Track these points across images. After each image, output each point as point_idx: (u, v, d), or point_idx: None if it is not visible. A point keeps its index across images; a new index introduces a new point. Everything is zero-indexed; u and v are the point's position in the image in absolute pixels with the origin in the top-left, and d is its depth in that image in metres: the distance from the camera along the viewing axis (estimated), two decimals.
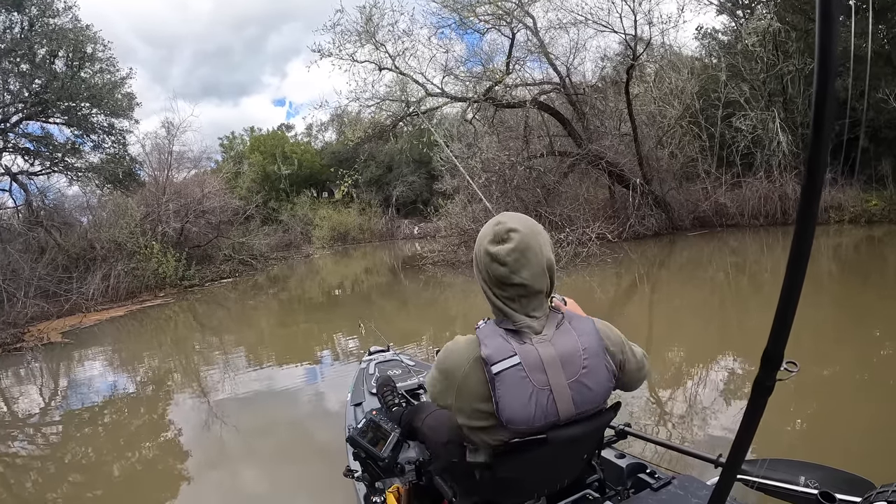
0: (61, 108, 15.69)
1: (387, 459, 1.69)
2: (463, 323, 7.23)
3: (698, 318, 6.45)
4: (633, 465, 1.80)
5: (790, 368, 0.84)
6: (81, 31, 15.21)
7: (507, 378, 1.19)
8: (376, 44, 12.34)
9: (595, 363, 1.25)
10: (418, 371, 3.02)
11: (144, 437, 4.45)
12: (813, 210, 0.69)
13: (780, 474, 1.61)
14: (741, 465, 0.91)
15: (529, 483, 1.40)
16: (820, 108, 0.64)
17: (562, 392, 1.21)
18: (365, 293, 12.41)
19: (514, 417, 1.19)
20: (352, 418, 2.63)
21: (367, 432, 1.77)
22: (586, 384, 1.24)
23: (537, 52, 12.71)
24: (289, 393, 5.10)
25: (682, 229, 14.12)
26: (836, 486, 1.46)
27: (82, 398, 5.78)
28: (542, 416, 1.21)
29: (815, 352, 4.27)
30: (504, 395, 1.18)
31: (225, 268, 16.63)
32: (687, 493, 1.43)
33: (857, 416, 3.26)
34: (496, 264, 1.25)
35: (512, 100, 12.65)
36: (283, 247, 23.48)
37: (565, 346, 1.24)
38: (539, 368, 1.20)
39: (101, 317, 10.55)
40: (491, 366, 1.20)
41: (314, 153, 34.00)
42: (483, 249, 1.28)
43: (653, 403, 3.69)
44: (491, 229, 1.28)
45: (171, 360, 7.35)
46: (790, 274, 0.74)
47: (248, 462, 3.60)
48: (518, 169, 11.77)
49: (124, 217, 14.63)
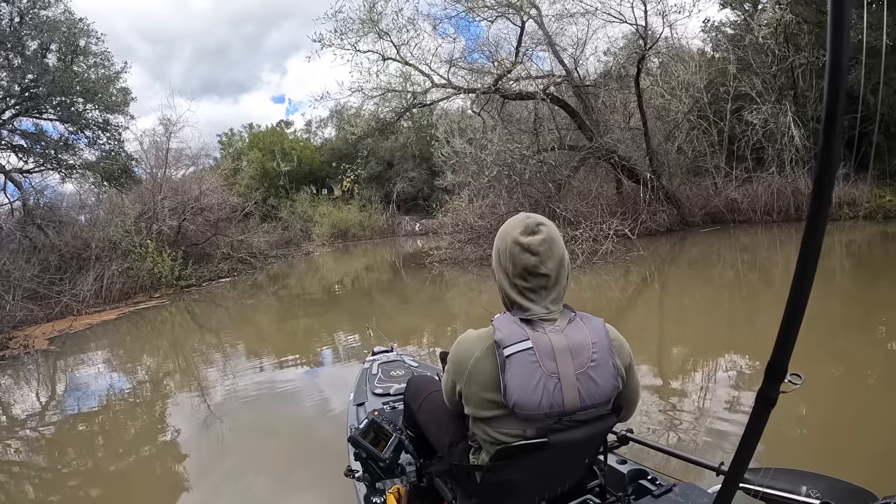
0: (54, 103, 15.29)
1: (388, 460, 1.72)
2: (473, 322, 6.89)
3: (706, 320, 6.30)
4: (634, 472, 1.78)
5: (794, 381, 0.83)
6: (74, 24, 14.80)
7: (516, 361, 1.22)
8: (380, 32, 11.90)
9: (603, 358, 1.28)
10: (421, 372, 2.96)
11: (141, 442, 4.21)
12: (821, 216, 0.69)
13: (781, 483, 1.56)
14: (743, 474, 0.91)
15: (530, 487, 1.40)
16: (832, 105, 0.63)
17: (569, 382, 1.24)
18: (366, 290, 12.14)
19: (520, 401, 1.21)
20: (354, 418, 2.61)
21: (368, 433, 1.79)
22: (593, 378, 1.26)
23: (544, 42, 12.31)
24: (290, 393, 5.00)
25: (693, 225, 13.83)
26: (838, 497, 1.44)
27: (75, 404, 5.43)
28: (547, 404, 1.23)
29: (818, 359, 4.17)
30: (512, 377, 1.21)
31: (223, 266, 16.22)
32: (688, 500, 1.42)
33: (860, 424, 3.21)
34: (527, 254, 1.29)
35: (522, 91, 12.25)
36: (282, 244, 23.18)
37: (576, 338, 1.27)
38: (549, 355, 1.23)
39: (93, 320, 10.08)
40: (503, 349, 1.23)
41: (314, 149, 33.80)
42: (512, 240, 1.31)
43: (655, 409, 3.64)
44: (520, 222, 1.33)
45: (168, 363, 6.98)
46: (795, 289, 0.73)
47: (248, 462, 3.55)
48: (530, 162, 11.35)
49: (119, 215, 14.23)
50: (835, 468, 1.68)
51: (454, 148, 13.64)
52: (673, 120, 14.90)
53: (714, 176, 14.73)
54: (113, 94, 16.58)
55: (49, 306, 10.54)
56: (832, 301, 6.03)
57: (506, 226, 1.37)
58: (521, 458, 1.27)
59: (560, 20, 12.42)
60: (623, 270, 9.19)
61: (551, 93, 12.17)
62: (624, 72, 13.70)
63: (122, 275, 12.58)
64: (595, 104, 13.44)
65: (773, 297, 6.50)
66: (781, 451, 2.85)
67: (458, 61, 12.73)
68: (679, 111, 14.65)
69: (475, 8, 11.82)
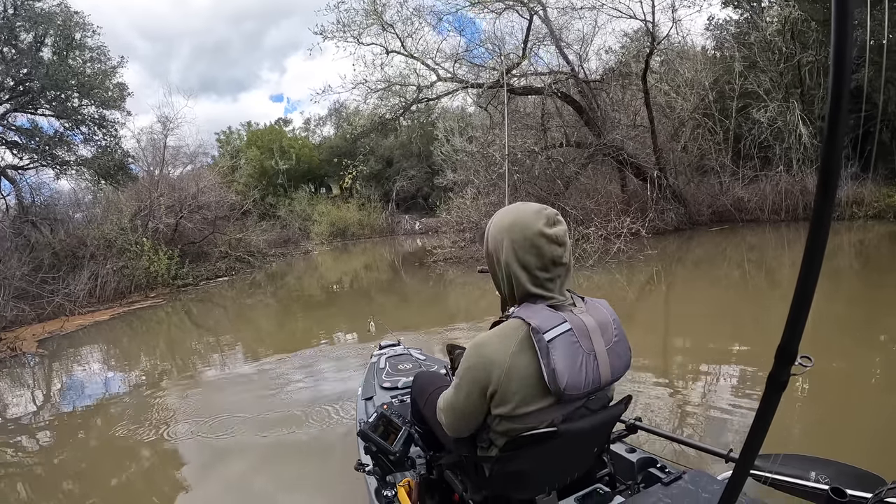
0: (49, 97, 15.00)
1: (398, 453, 1.74)
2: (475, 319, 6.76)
3: (714, 313, 6.31)
4: (643, 460, 1.78)
5: (804, 363, 0.82)
6: (70, 17, 14.51)
7: (559, 344, 1.21)
8: (384, 24, 11.59)
9: (622, 333, 1.35)
10: (429, 365, 2.96)
11: (139, 448, 3.95)
12: (829, 203, 0.68)
13: (791, 469, 1.59)
14: (754, 461, 0.89)
15: (540, 477, 1.40)
16: (836, 104, 0.63)
17: (603, 358, 1.27)
18: (366, 290, 11.88)
19: (571, 382, 1.21)
20: (363, 412, 2.60)
21: (378, 426, 1.81)
22: (618, 352, 1.32)
23: (550, 39, 12.03)
24: (296, 389, 4.89)
25: (700, 224, 13.63)
26: (846, 482, 1.45)
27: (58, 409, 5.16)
28: (590, 381, 1.25)
29: (827, 347, 4.22)
30: (559, 360, 1.20)
31: (221, 265, 15.93)
32: (698, 488, 1.41)
33: (868, 411, 3.23)
34: (554, 245, 1.29)
35: (529, 86, 11.97)
36: (281, 243, 22.98)
37: (600, 317, 1.32)
38: (585, 335, 1.26)
39: (85, 321, 9.74)
40: (543, 334, 1.21)
41: (312, 148, 33.59)
42: (536, 232, 1.28)
43: (664, 397, 3.65)
44: (539, 214, 1.30)
45: (164, 364, 6.66)
46: (805, 267, 0.72)
47: (259, 457, 3.49)
48: (539, 158, 11.07)
49: (115, 213, 13.93)
50: (843, 453, 1.73)
51: (454, 146, 13.38)
52: (678, 118, 14.67)
53: (720, 174, 14.53)
54: (109, 89, 16.33)
55: (41, 306, 10.22)
56: (840, 296, 6.14)
57: (515, 218, 1.32)
58: (531, 449, 1.27)
59: (568, 13, 12.11)
60: (635, 269, 8.98)
61: (558, 88, 11.89)
62: (626, 69, 13.47)
63: (116, 274, 12.27)
64: (602, 101, 13.19)
65: (780, 295, 6.44)
66: (790, 437, 2.87)
67: (464, 54, 12.45)
68: (684, 109, 14.42)
69: (483, 1, 11.51)
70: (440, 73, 12.23)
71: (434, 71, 12.22)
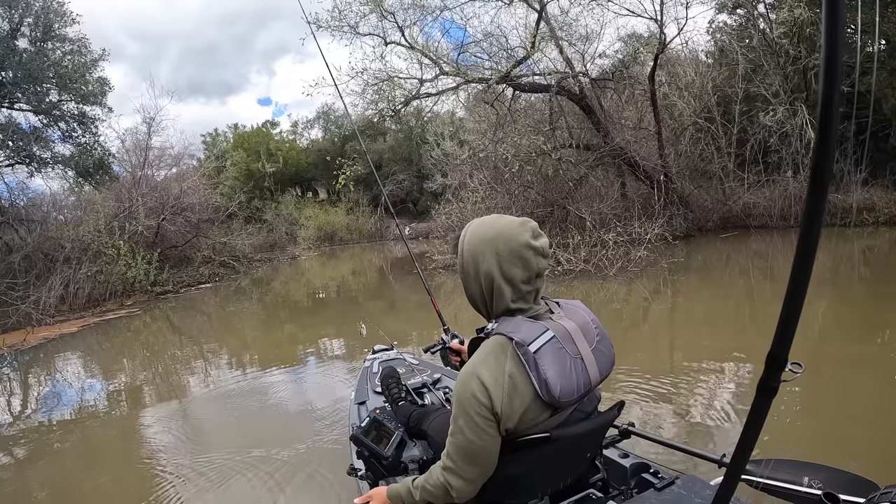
0: (26, 91, 14.15)
1: (390, 458, 1.75)
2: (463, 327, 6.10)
3: (711, 319, 6.30)
4: (636, 465, 1.74)
5: (795, 370, 0.80)
6: (49, 3, 13.71)
7: (546, 353, 1.19)
8: (383, 12, 10.92)
9: (602, 331, 1.35)
10: (422, 370, 2.92)
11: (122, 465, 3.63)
12: (819, 208, 0.68)
13: (783, 475, 1.57)
14: (745, 466, 0.88)
15: (533, 482, 1.38)
16: (826, 109, 0.62)
17: (589, 359, 1.27)
18: (353, 296, 11.24)
19: (564, 389, 1.19)
20: (355, 417, 2.57)
21: (370, 431, 1.84)
22: (602, 350, 1.32)
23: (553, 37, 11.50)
24: (286, 395, 4.84)
25: (708, 230, 13.19)
26: (839, 487, 1.44)
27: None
28: (581, 385, 1.24)
29: (820, 353, 4.28)
30: (549, 369, 1.18)
31: (204, 271, 15.18)
32: (691, 493, 1.38)
33: (861, 416, 3.23)
34: (540, 257, 1.27)
35: (535, 83, 11.42)
36: (267, 247, 22.43)
37: (579, 319, 1.32)
38: (569, 339, 1.25)
39: (50, 333, 8.86)
40: (528, 346, 1.19)
41: (300, 151, 33.10)
42: (523, 244, 1.25)
43: (657, 403, 3.64)
44: (525, 226, 1.28)
45: (139, 378, 5.94)
46: (795, 274, 0.71)
47: (250, 462, 3.39)
48: (547, 159, 10.48)
49: (91, 213, 13.12)
50: (836, 459, 1.74)
51: (444, 150, 12.79)
52: (681, 121, 14.26)
53: (722, 180, 14.15)
54: (90, 83, 15.49)
55: (6, 315, 9.37)
56: (839, 300, 6.24)
57: (500, 230, 1.27)
58: (524, 454, 1.25)
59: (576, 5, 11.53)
60: (659, 279, 8.46)
61: (565, 86, 11.35)
62: (632, 70, 13.03)
63: (90, 280, 11.44)
64: (607, 102, 12.71)
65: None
66: (783, 442, 2.85)
67: (469, 47, 11.82)
68: (687, 113, 14.00)
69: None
70: (443, 67, 11.59)
71: (436, 63, 11.57)
